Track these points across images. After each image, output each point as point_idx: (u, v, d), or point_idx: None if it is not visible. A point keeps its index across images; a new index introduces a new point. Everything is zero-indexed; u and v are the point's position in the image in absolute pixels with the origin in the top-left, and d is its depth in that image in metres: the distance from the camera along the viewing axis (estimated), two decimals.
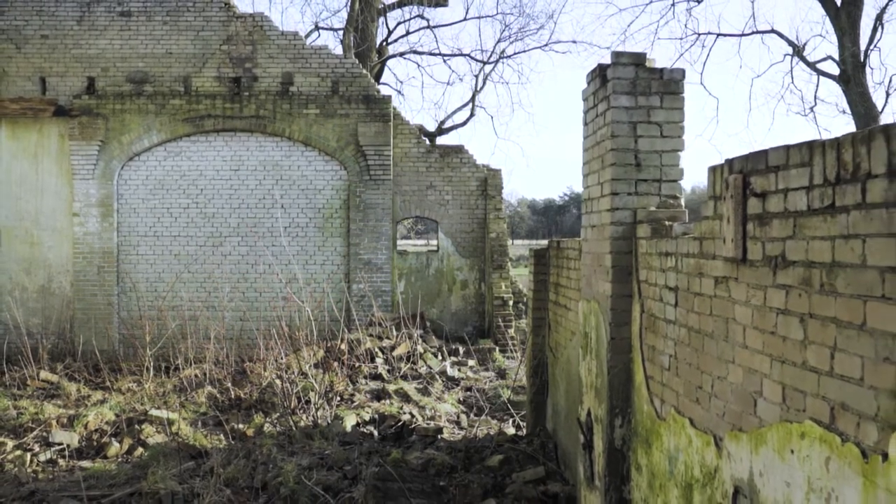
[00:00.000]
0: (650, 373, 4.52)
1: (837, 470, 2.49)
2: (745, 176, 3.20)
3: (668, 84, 4.81)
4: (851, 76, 17.21)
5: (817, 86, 28.59)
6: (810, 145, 2.71)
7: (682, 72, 4.85)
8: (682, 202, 4.89)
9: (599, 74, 5.04)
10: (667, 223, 4.54)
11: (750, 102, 51.29)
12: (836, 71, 18.09)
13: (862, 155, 2.37)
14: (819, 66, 19.30)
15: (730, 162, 3.39)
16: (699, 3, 28.00)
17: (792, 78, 32.25)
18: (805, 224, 2.72)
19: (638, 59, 4.82)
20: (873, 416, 2.30)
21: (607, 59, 4.91)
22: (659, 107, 4.81)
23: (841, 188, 2.49)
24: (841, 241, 2.48)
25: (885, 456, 2.22)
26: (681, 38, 27.95)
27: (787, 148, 2.88)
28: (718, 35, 20.94)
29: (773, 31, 20.26)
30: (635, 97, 4.79)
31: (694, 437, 3.80)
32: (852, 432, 2.42)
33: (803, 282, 2.73)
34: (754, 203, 3.12)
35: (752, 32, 20.59)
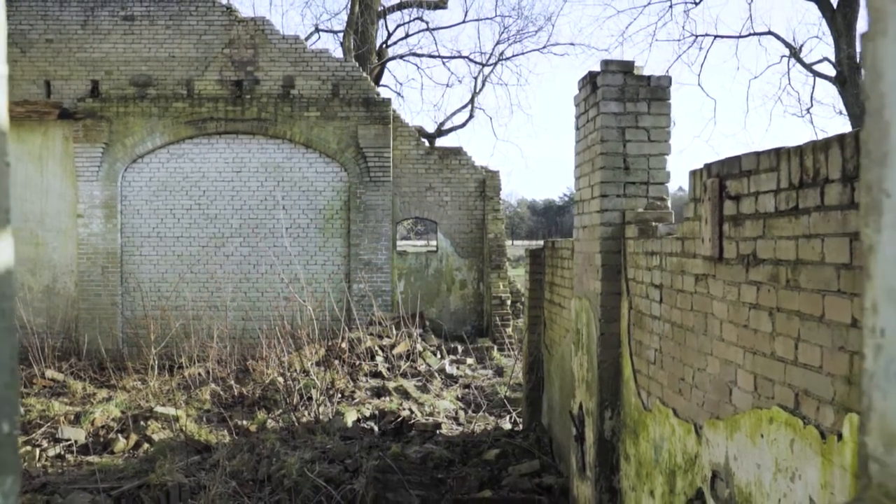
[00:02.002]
0: (637, 366, 4.73)
1: (800, 451, 2.70)
2: (721, 179, 3.42)
3: (655, 91, 5.03)
4: (848, 78, 17.40)
5: (814, 87, 28.78)
6: (777, 152, 2.93)
7: (669, 79, 5.07)
8: (669, 203, 5.11)
9: (590, 81, 5.26)
10: (653, 224, 4.75)
11: (747, 104, 51.56)
12: (832, 72, 18.29)
13: (821, 161, 2.58)
14: (815, 67, 19.51)
15: (708, 166, 3.61)
16: (697, 5, 28.14)
17: (789, 79, 32.51)
18: (773, 225, 2.94)
19: (626, 67, 5.04)
20: (830, 400, 2.52)
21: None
22: (646, 112, 5.03)
23: (803, 192, 2.71)
24: (803, 241, 2.70)
25: (840, 436, 2.44)
26: (678, 40, 28.08)
27: (758, 154, 3.10)
28: (716, 37, 21.13)
29: (770, 32, 20.44)
30: (624, 103, 5.00)
31: (677, 426, 4.01)
32: (813, 416, 2.63)
33: (772, 278, 2.94)
34: (729, 205, 3.34)
35: (750, 34, 20.78)
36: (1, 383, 0.69)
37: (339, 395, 10.10)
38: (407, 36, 24.64)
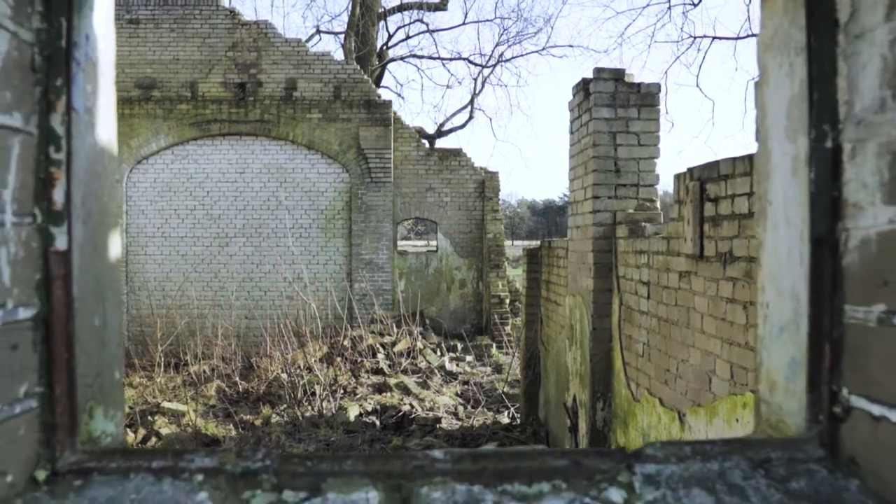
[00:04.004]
0: (627, 359, 4.98)
1: None
2: (701, 183, 3.66)
3: (645, 97, 5.27)
4: None
5: None
6: (751, 157, 3.17)
7: (658, 86, 5.32)
8: (659, 205, 5.36)
9: (583, 88, 5.50)
10: (642, 224, 5.00)
11: (745, 105, 51.88)
12: None
13: None
14: None
15: (690, 170, 3.85)
16: (695, 6, 28.41)
17: None
18: (747, 225, 3.18)
19: (617, 75, 5.29)
20: None
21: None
22: (637, 118, 5.28)
23: None
24: None
25: None
26: (677, 42, 28.41)
27: (734, 159, 3.34)
28: (714, 38, 21.33)
29: None
30: (615, 109, 5.25)
31: (662, 414, 4.26)
32: None
33: (746, 274, 3.19)
34: (709, 207, 3.59)
35: (748, 35, 21.01)
36: (114, 343, 0.93)
37: (342, 391, 10.35)
38: (407, 38, 24.96)
